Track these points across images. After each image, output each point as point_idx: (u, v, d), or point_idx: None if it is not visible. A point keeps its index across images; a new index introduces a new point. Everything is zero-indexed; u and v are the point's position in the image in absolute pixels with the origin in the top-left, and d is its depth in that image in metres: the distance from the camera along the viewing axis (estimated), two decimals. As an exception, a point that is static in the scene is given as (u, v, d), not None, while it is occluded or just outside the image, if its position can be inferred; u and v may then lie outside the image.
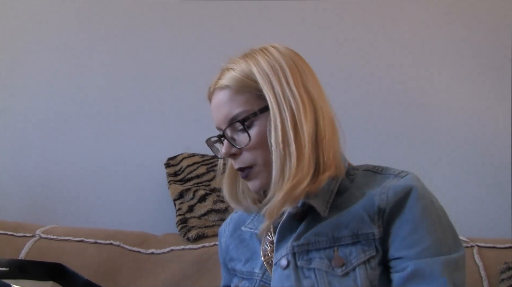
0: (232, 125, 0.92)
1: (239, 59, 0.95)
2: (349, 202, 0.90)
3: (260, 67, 0.91)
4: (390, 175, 0.91)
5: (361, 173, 0.94)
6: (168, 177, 1.72)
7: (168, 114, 1.88)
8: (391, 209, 0.86)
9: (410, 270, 0.82)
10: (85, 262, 1.39)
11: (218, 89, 0.94)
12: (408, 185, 0.87)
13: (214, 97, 0.95)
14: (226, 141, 0.92)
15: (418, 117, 1.86)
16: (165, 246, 1.47)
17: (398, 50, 1.90)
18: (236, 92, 0.91)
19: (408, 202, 0.86)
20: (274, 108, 0.88)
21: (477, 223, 1.73)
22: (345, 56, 1.89)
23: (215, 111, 0.94)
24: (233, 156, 0.93)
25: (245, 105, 0.91)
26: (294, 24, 1.90)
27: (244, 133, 0.90)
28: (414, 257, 0.83)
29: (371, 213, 0.87)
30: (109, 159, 1.85)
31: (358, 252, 0.85)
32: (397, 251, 0.85)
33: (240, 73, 0.92)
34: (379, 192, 0.88)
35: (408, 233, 0.84)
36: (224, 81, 0.93)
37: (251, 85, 0.91)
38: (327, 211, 0.89)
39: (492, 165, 1.81)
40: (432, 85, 1.88)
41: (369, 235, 0.86)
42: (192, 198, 1.61)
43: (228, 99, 0.92)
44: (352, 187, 0.92)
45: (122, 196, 1.83)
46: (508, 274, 1.30)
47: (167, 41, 1.91)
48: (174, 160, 1.76)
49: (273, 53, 0.94)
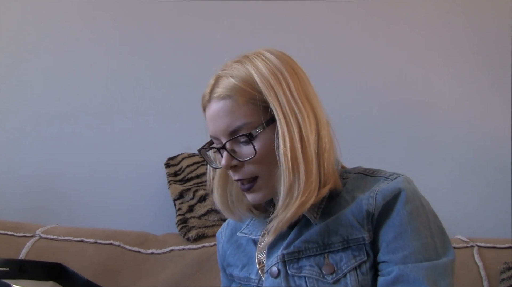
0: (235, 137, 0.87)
1: (235, 65, 0.90)
2: (339, 207, 0.88)
3: (262, 75, 0.87)
4: (381, 177, 0.90)
5: (353, 176, 0.93)
6: (168, 177, 1.72)
7: (168, 114, 1.88)
8: (380, 213, 0.85)
9: (394, 274, 0.81)
10: (85, 262, 1.39)
11: (217, 99, 0.88)
12: (397, 187, 0.85)
13: (212, 107, 0.89)
14: (227, 153, 0.88)
15: (418, 117, 1.85)
16: (165, 246, 1.47)
17: (398, 50, 1.90)
18: (238, 103, 0.86)
19: (396, 205, 0.84)
20: (281, 120, 0.85)
21: (477, 223, 1.73)
22: (344, 56, 1.89)
23: (213, 121, 0.89)
24: (234, 168, 0.88)
25: (249, 117, 0.86)
26: (294, 24, 1.90)
27: (248, 145, 0.86)
28: (400, 262, 0.82)
29: (360, 218, 0.85)
30: (109, 158, 1.85)
31: (348, 258, 0.84)
32: (384, 255, 0.84)
33: (241, 82, 0.87)
34: (367, 196, 0.86)
35: (394, 237, 0.83)
36: (224, 90, 0.87)
37: (254, 96, 0.86)
38: (318, 217, 0.88)
39: (492, 165, 1.80)
40: (432, 85, 1.88)
41: (359, 240, 0.85)
42: (192, 198, 1.61)
43: (230, 110, 0.86)
44: (343, 191, 0.90)
45: (122, 196, 1.83)
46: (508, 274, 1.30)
47: (167, 41, 1.91)
48: (174, 160, 1.76)
49: (271, 59, 0.89)
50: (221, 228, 1.10)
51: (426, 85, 1.88)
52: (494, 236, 1.48)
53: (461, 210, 1.72)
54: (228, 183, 0.97)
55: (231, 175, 0.90)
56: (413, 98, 1.86)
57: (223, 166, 0.88)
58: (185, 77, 1.88)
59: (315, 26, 1.91)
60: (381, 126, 1.86)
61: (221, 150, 0.89)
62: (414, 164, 1.80)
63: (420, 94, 1.87)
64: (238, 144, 0.88)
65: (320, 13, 1.91)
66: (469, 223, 1.66)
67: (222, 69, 0.91)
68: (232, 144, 0.88)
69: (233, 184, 0.97)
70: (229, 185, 0.97)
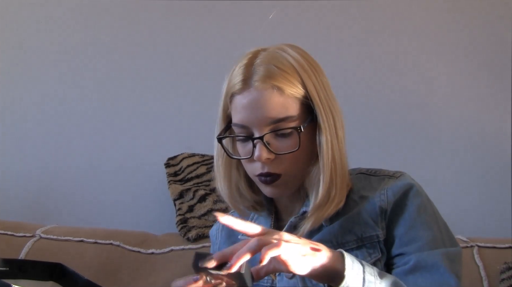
0: (276, 129, 0.85)
1: (271, 52, 0.88)
2: (347, 207, 0.89)
3: (305, 72, 0.86)
4: (385, 176, 0.91)
5: (355, 177, 0.94)
6: (168, 177, 1.72)
7: (168, 114, 1.88)
8: (392, 209, 0.86)
9: (412, 263, 0.82)
10: (85, 262, 1.39)
11: (259, 87, 0.85)
12: (406, 183, 0.88)
13: (249, 94, 0.85)
14: (263, 146, 0.85)
15: (418, 117, 1.85)
16: (165, 246, 1.47)
17: (398, 50, 1.90)
18: (284, 94, 0.85)
19: (406, 201, 0.86)
20: (323, 118, 0.85)
21: (477, 223, 1.73)
22: (344, 57, 1.89)
23: (250, 110, 0.85)
24: (267, 160, 0.86)
25: (293, 110, 0.85)
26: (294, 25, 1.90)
27: (287, 139, 0.85)
28: (415, 251, 0.83)
29: (374, 215, 0.87)
30: (109, 158, 1.85)
31: (363, 256, 0.85)
32: (398, 248, 0.85)
33: (292, 77, 0.85)
34: (378, 193, 0.88)
35: (407, 230, 0.85)
36: (268, 78, 0.85)
37: (297, 88, 0.85)
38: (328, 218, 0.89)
39: (492, 165, 1.80)
40: (432, 85, 1.87)
41: (373, 238, 0.86)
42: (192, 198, 1.61)
43: (275, 101, 0.84)
44: (348, 192, 0.91)
45: (122, 196, 1.83)
46: (508, 274, 1.30)
47: (167, 40, 1.91)
48: (174, 160, 1.76)
49: (306, 57, 0.89)
50: (215, 227, 1.07)
51: (425, 85, 1.87)
52: (494, 236, 1.48)
53: (461, 210, 1.72)
54: (232, 177, 0.95)
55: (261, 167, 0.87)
56: (412, 98, 1.86)
57: (258, 157, 0.85)
58: (186, 77, 1.88)
59: (315, 26, 1.91)
60: (380, 125, 1.85)
61: (253, 139, 0.86)
62: (414, 163, 1.80)
63: (420, 94, 1.87)
64: (275, 136, 0.86)
65: (320, 13, 1.91)
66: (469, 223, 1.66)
67: (254, 56, 0.89)
68: (270, 136, 0.86)
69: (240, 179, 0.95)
70: (233, 179, 0.95)
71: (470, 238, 1.42)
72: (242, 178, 0.95)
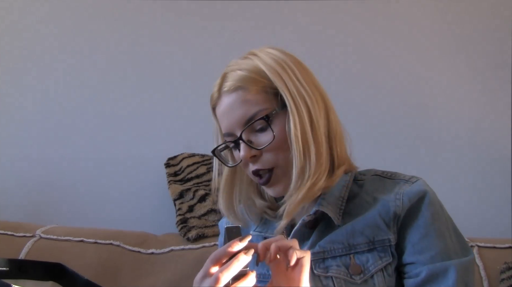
0: (250, 126, 0.88)
1: (240, 60, 0.93)
2: (361, 208, 0.89)
3: (267, 64, 0.89)
4: (401, 180, 0.91)
5: (370, 178, 0.94)
6: (168, 177, 1.72)
7: (168, 114, 1.88)
8: (405, 215, 0.86)
9: (424, 275, 0.82)
10: (85, 262, 1.39)
11: (227, 93, 0.90)
12: (422, 190, 0.88)
13: (223, 102, 0.91)
14: (244, 145, 0.88)
15: (418, 118, 1.85)
16: (165, 246, 1.47)
17: (398, 50, 1.90)
18: (249, 92, 0.88)
19: (421, 207, 0.86)
20: (291, 105, 0.87)
21: (477, 223, 1.72)
22: (344, 57, 1.89)
23: (226, 116, 0.90)
24: (253, 158, 0.89)
25: (262, 104, 0.88)
26: (293, 25, 1.90)
27: (264, 132, 0.88)
28: (427, 262, 0.83)
29: (387, 219, 0.87)
30: (109, 158, 1.85)
31: (375, 259, 0.85)
32: (410, 256, 0.85)
33: (249, 72, 0.89)
34: (393, 198, 0.88)
35: (420, 238, 0.85)
36: (234, 82, 0.89)
37: (263, 83, 0.88)
38: (341, 218, 0.89)
39: (492, 165, 1.80)
40: (431, 85, 1.87)
41: (385, 242, 0.86)
42: (192, 198, 1.61)
43: (242, 101, 0.89)
44: (362, 192, 0.92)
45: (122, 195, 1.83)
46: (508, 274, 1.30)
47: (167, 40, 1.91)
48: (174, 160, 1.76)
49: (274, 52, 0.92)
50: (225, 219, 1.08)
51: (426, 86, 1.87)
52: (494, 236, 1.48)
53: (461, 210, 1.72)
54: (235, 189, 0.97)
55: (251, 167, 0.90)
56: (413, 99, 1.86)
57: (243, 157, 0.89)
58: (186, 77, 1.88)
59: (315, 26, 1.91)
60: (380, 126, 1.85)
61: (238, 142, 0.90)
62: (414, 164, 1.80)
63: (420, 94, 1.87)
64: (254, 133, 0.89)
65: (319, 13, 1.91)
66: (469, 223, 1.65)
67: (227, 66, 0.93)
68: (248, 134, 0.89)
69: (242, 191, 0.97)
70: (235, 191, 0.97)
71: (470, 238, 1.42)
72: (251, 187, 0.97)
